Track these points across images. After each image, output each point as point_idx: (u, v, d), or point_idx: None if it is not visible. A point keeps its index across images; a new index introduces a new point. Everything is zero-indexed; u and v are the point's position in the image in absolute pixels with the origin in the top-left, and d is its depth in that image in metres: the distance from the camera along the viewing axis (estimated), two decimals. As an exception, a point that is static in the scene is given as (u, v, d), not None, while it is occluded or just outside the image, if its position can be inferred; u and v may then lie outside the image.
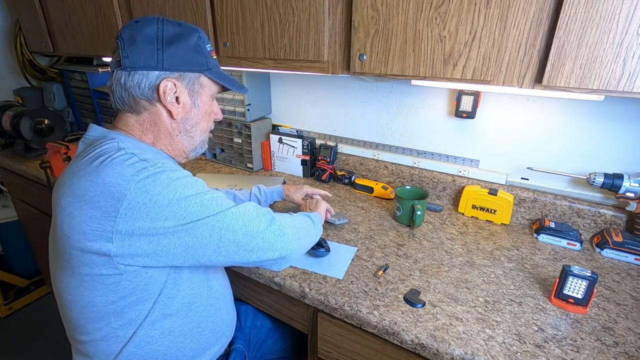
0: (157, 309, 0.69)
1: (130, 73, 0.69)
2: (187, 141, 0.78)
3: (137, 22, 0.70)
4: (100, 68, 1.98)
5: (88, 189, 0.62)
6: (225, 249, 0.67)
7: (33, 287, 2.17)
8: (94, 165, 0.63)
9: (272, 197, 1.15)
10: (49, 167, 1.49)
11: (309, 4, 0.98)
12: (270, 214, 0.74)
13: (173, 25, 0.71)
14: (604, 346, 0.71)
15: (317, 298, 0.85)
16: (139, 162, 0.64)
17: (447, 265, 0.95)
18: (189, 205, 0.63)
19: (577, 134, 1.08)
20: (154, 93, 0.71)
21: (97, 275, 0.64)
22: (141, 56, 0.68)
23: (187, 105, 0.75)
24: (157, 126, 0.74)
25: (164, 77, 0.70)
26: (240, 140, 1.59)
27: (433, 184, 1.32)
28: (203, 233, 0.64)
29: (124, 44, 0.68)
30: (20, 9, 1.81)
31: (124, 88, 0.70)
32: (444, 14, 0.82)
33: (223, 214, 0.66)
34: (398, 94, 1.33)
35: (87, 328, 0.69)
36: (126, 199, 0.60)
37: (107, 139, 0.69)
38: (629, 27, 0.66)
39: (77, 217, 0.62)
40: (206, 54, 0.75)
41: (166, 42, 0.69)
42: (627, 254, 0.98)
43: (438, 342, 0.71)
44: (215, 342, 0.83)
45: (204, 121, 0.80)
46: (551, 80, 0.75)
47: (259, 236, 0.69)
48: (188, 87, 0.74)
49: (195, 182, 0.67)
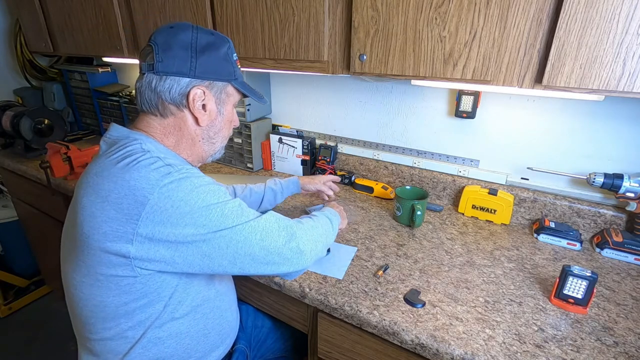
0: (167, 312, 0.70)
1: (162, 78, 0.69)
2: (208, 147, 0.79)
3: (171, 27, 0.70)
4: (100, 68, 1.98)
5: (112, 190, 0.62)
6: (240, 260, 0.67)
7: (33, 287, 2.17)
8: (119, 167, 0.64)
9: (289, 188, 1.14)
10: (49, 167, 1.50)
11: (309, 4, 0.98)
12: (292, 228, 0.73)
13: (206, 33, 0.72)
14: (604, 346, 0.71)
15: (317, 298, 0.85)
16: (163, 167, 0.64)
17: (447, 265, 0.95)
18: (210, 214, 0.64)
19: (577, 134, 1.08)
20: (183, 99, 0.71)
21: (113, 275, 0.64)
22: (175, 62, 0.69)
23: (213, 113, 0.75)
24: (181, 131, 0.74)
25: (195, 84, 0.71)
26: (240, 140, 1.59)
27: (433, 184, 1.32)
28: (220, 244, 0.64)
29: (158, 48, 0.69)
30: (20, 9, 1.81)
31: (154, 92, 0.70)
32: (444, 14, 0.82)
33: (242, 227, 0.66)
34: (398, 94, 1.33)
35: (97, 327, 0.69)
36: (149, 202, 0.60)
37: (130, 140, 0.69)
38: (629, 27, 0.66)
39: (98, 217, 0.62)
40: (233, 63, 0.76)
41: (200, 50, 0.70)
42: (627, 254, 0.98)
43: (438, 342, 0.71)
44: (220, 343, 0.83)
45: (226, 128, 0.81)
46: (551, 80, 0.75)
47: (276, 252, 0.69)
48: (216, 95, 0.75)
49: (218, 190, 0.67)
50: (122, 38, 1.46)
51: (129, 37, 1.46)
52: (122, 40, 1.47)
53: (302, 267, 0.73)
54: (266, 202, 1.12)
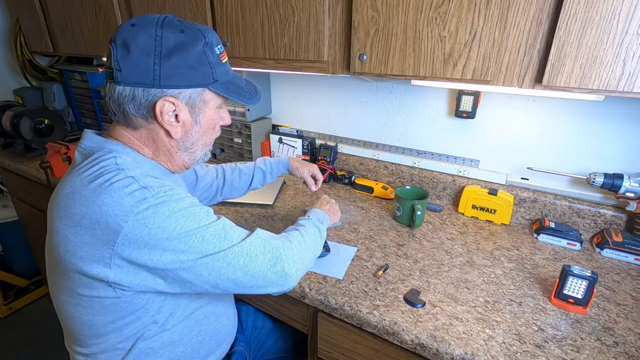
0: (158, 324, 0.68)
1: (124, 88, 0.61)
2: (187, 157, 0.72)
3: (133, 25, 0.61)
4: (100, 68, 1.98)
5: (84, 215, 0.58)
6: (223, 285, 0.64)
7: (33, 287, 2.17)
8: (90, 189, 0.59)
9: (278, 169, 1.10)
10: (49, 167, 1.50)
11: (309, 4, 0.98)
12: (278, 250, 0.68)
13: (174, 31, 0.61)
14: (604, 346, 0.71)
15: (317, 298, 0.85)
16: (139, 191, 0.59)
17: (447, 265, 0.95)
18: (190, 240, 0.60)
19: (577, 134, 1.08)
20: (150, 112, 0.63)
21: (95, 297, 0.62)
22: (135, 70, 0.60)
23: (187, 123, 0.67)
24: (156, 143, 0.68)
25: (161, 95, 0.62)
26: (240, 140, 1.59)
27: (433, 184, 1.32)
28: (202, 272, 0.61)
29: (117, 52, 0.60)
30: (20, 9, 1.81)
31: (117, 103, 0.63)
32: (444, 14, 0.82)
33: (225, 253, 0.62)
34: (398, 94, 1.33)
35: (86, 342, 0.68)
36: (123, 231, 0.56)
37: (104, 152, 0.63)
38: (629, 27, 0.66)
39: (73, 242, 0.59)
40: (212, 62, 0.64)
41: (165, 55, 0.60)
42: (627, 254, 0.98)
43: (438, 342, 0.71)
44: (216, 348, 0.82)
45: (207, 136, 0.72)
46: (551, 80, 0.75)
47: (260, 276, 0.66)
48: (189, 104, 0.65)
49: (199, 213, 0.62)
50: (122, 38, 1.46)
51: (129, 37, 1.46)
52: (122, 40, 1.47)
53: (287, 289, 0.70)
54: (256, 182, 1.08)
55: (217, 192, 1.05)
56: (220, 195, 1.06)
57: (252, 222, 1.16)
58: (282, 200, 1.31)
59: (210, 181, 1.02)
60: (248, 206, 1.26)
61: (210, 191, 1.03)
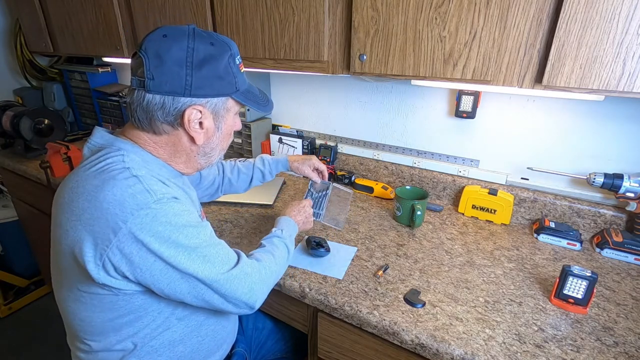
0: (157, 324, 0.69)
1: (155, 97, 0.63)
2: (204, 160, 0.75)
3: (165, 35, 0.62)
4: (100, 68, 1.98)
5: (85, 210, 0.59)
6: (195, 302, 0.66)
7: (33, 287, 2.17)
8: (94, 184, 0.60)
9: (277, 167, 1.10)
10: (49, 167, 1.50)
11: (309, 4, 0.98)
12: (255, 285, 0.69)
13: (204, 43, 0.64)
14: (604, 346, 0.71)
15: (317, 298, 0.85)
16: (141, 194, 0.60)
17: (447, 265, 0.95)
18: (178, 255, 0.61)
19: (577, 134, 1.08)
20: (177, 119, 0.65)
21: (94, 293, 0.63)
22: (168, 80, 0.62)
23: (210, 130, 0.70)
24: (175, 147, 0.70)
25: (191, 104, 0.64)
26: (240, 140, 1.59)
27: (433, 184, 1.32)
28: (182, 289, 0.63)
29: (149, 62, 0.61)
30: (20, 9, 1.81)
31: (145, 110, 0.64)
32: (444, 14, 0.82)
33: (209, 279, 0.64)
34: (398, 94, 1.33)
35: (86, 339, 0.68)
36: (121, 231, 0.58)
37: (113, 149, 0.65)
38: (629, 27, 0.66)
39: (72, 236, 0.60)
40: (235, 72, 0.68)
41: (196, 66, 0.62)
42: (627, 254, 0.98)
43: (438, 342, 0.71)
44: (216, 349, 0.82)
45: (225, 141, 0.76)
46: (551, 80, 0.75)
47: (232, 303, 0.68)
48: (214, 112, 0.68)
49: (193, 232, 0.63)
50: (122, 38, 1.46)
51: (129, 37, 1.46)
52: (122, 40, 1.47)
53: (248, 313, 0.73)
54: (255, 181, 1.09)
55: (218, 189, 1.06)
56: (220, 191, 1.07)
57: (252, 222, 1.16)
58: (282, 200, 1.31)
59: (213, 178, 1.04)
60: (248, 206, 1.26)
61: (212, 188, 1.04)
